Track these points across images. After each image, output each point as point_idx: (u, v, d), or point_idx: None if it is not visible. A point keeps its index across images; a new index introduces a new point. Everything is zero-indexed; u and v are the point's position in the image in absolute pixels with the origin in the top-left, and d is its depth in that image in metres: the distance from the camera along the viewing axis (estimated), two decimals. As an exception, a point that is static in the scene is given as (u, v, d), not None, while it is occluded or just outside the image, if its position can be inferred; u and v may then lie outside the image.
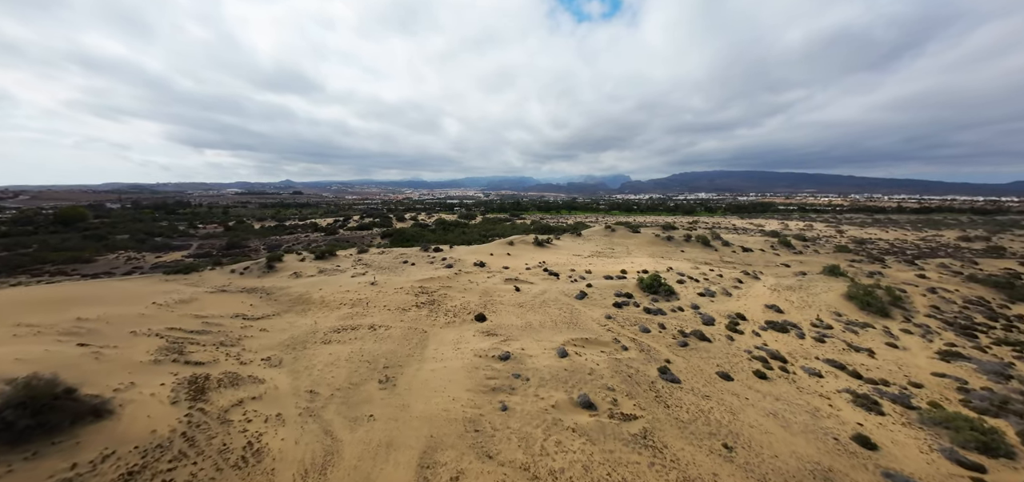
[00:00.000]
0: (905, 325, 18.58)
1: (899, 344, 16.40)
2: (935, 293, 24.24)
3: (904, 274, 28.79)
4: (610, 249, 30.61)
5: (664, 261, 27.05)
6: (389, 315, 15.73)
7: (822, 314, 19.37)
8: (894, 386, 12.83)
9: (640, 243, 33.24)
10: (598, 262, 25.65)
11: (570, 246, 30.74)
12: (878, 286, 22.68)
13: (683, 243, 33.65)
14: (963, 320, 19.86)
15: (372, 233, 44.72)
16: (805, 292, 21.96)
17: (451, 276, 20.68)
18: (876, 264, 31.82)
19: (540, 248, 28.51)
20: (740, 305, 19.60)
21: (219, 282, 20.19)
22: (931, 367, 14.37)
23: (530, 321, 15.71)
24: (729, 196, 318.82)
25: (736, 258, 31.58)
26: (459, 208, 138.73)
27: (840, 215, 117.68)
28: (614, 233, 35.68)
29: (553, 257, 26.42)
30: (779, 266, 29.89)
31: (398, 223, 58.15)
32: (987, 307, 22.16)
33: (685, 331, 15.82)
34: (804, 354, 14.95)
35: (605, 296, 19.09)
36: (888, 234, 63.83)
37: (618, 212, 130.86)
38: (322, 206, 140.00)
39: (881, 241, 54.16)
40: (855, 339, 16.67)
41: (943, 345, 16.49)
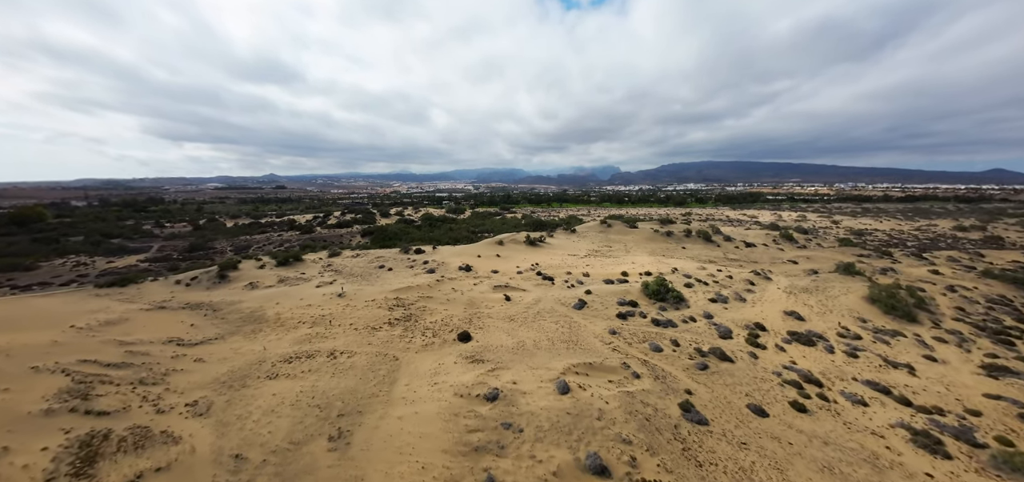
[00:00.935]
0: (936, 332, 16.82)
1: (937, 356, 14.58)
2: (955, 292, 22.67)
3: (917, 270, 27.28)
4: (607, 247, 28.45)
5: (666, 260, 24.98)
6: (355, 337, 13.24)
7: (845, 320, 17.51)
8: (950, 415, 10.92)
9: (639, 240, 31.16)
10: (596, 263, 23.45)
11: (564, 244, 28.50)
12: (898, 285, 20.94)
13: (684, 239, 31.68)
14: (993, 324, 18.21)
15: (352, 231, 41.70)
16: (823, 295, 20.11)
17: (433, 283, 18.21)
18: (885, 259, 30.32)
19: (532, 248, 26.17)
20: (756, 312, 17.60)
21: (159, 296, 17.40)
22: (981, 387, 12.54)
23: (523, 340, 13.39)
24: (717, 187, 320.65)
25: (740, 254, 29.73)
26: (448, 202, 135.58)
27: (829, 205, 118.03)
28: (611, 229, 33.54)
29: (547, 258, 24.14)
30: (786, 263, 28.13)
31: (382, 219, 55.07)
32: (1011, 307, 20.62)
33: (702, 349, 13.70)
34: (839, 374, 12.98)
35: (607, 305, 16.88)
36: (882, 224, 63.22)
37: (610, 204, 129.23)
38: (304, 201, 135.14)
39: (878, 232, 53.28)
40: (889, 352, 14.80)
41: (983, 356, 14.72)
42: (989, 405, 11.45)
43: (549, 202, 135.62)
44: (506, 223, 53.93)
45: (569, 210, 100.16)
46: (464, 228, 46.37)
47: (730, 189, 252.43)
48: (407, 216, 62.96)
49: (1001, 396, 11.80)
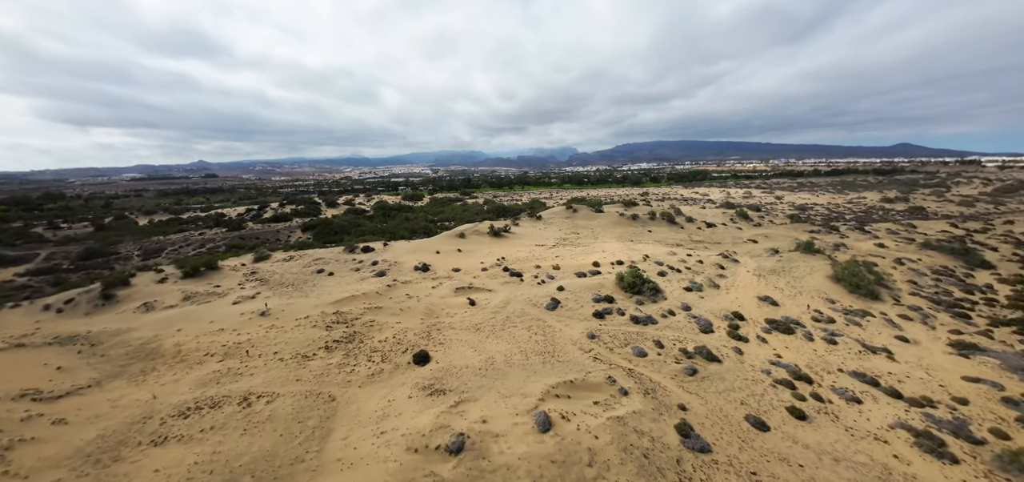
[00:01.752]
0: (899, 309, 17.04)
1: (908, 336, 14.52)
2: (903, 265, 23.70)
3: (864, 244, 28.55)
4: (575, 234, 27.07)
5: (636, 246, 23.98)
6: (280, 371, 10.56)
7: (816, 302, 17.30)
8: (941, 406, 10.48)
9: (606, 224, 30.10)
10: (565, 253, 21.89)
11: (531, 233, 26.70)
12: (856, 262, 21.32)
13: (649, 222, 31.11)
14: (945, 296, 18.93)
15: (291, 226, 36.90)
16: (790, 276, 19.97)
17: (383, 290, 15.63)
18: (834, 234, 31.58)
19: (497, 239, 24.07)
20: (732, 300, 16.87)
21: (18, 329, 13.44)
22: (957, 368, 12.43)
23: (492, 356, 11.41)
24: (668, 166, 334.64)
25: (703, 236, 29.62)
26: (404, 188, 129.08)
27: (768, 181, 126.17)
28: (576, 214, 32.20)
29: (513, 250, 22.20)
30: (747, 242, 28.32)
31: (328, 210, 49.97)
32: (955, 277, 21.79)
33: (687, 349, 12.49)
34: (825, 366, 12.34)
35: (581, 301, 15.30)
36: (819, 198, 67.85)
37: (571, 185, 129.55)
38: (238, 192, 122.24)
39: (817, 206, 56.84)
40: (863, 335, 14.56)
41: (949, 333, 14.92)
42: (971, 390, 11.22)
43: (511, 185, 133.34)
44: (467, 210, 51.27)
45: (532, 193, 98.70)
46: (422, 217, 43.18)
47: (679, 167, 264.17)
48: (358, 205, 58.04)
49: (979, 379, 11.66)
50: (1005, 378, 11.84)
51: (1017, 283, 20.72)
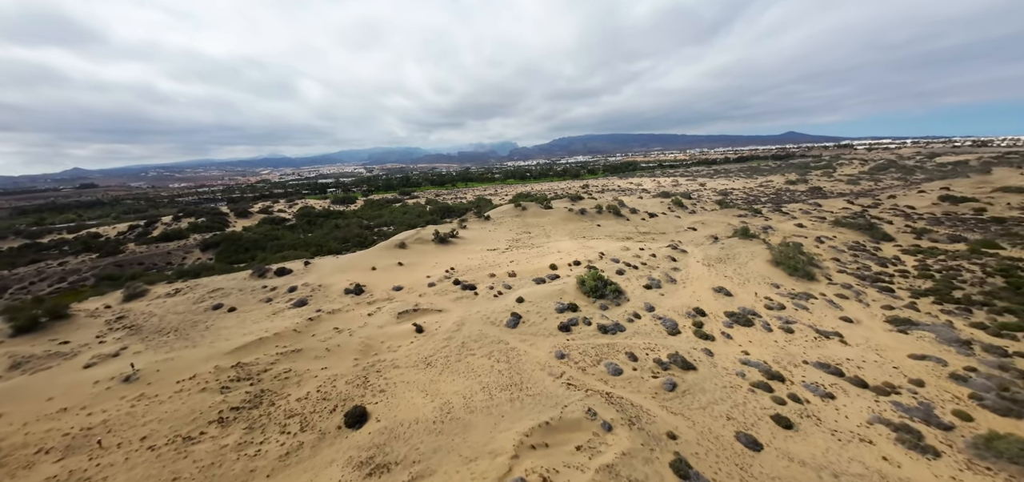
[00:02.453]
0: (834, 288, 18.01)
1: (850, 316, 15.15)
2: (823, 243, 25.78)
3: (787, 225, 30.92)
4: (527, 234, 25.64)
5: (589, 243, 23.16)
6: (148, 468, 7.52)
7: (763, 288, 17.67)
8: (904, 392, 10.60)
9: (556, 221, 29.12)
10: (520, 256, 20.28)
11: (480, 236, 24.67)
12: (786, 243, 22.55)
13: (597, 216, 30.79)
14: (866, 271, 20.58)
15: (187, 244, 30.37)
16: (735, 263, 20.41)
17: (303, 325, 12.64)
18: (758, 217, 33.87)
19: (444, 246, 21.68)
20: (689, 293, 16.52)
21: None
22: (901, 346, 13.00)
23: (449, 399, 9.34)
24: (602, 158, 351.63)
25: (649, 226, 29.98)
26: (334, 190, 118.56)
27: (689, 169, 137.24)
28: (525, 212, 30.84)
29: (463, 258, 20.03)
30: (688, 230, 29.14)
31: (238, 221, 42.73)
32: (867, 251, 24.07)
33: (661, 359, 11.52)
34: (789, 358, 12.15)
35: (544, 313, 13.75)
36: (735, 183, 74.49)
37: (514, 180, 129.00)
38: (122, 203, 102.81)
39: (736, 191, 62.03)
40: (812, 319, 14.92)
41: (882, 310, 15.90)
42: (921, 369, 11.63)
43: (453, 182, 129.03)
44: (408, 212, 47.51)
45: (476, 190, 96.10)
46: (355, 224, 38.85)
47: (612, 160, 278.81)
48: (276, 213, 51.04)
49: (924, 356, 12.21)
50: (943, 352, 12.54)
51: (917, 253, 23.42)
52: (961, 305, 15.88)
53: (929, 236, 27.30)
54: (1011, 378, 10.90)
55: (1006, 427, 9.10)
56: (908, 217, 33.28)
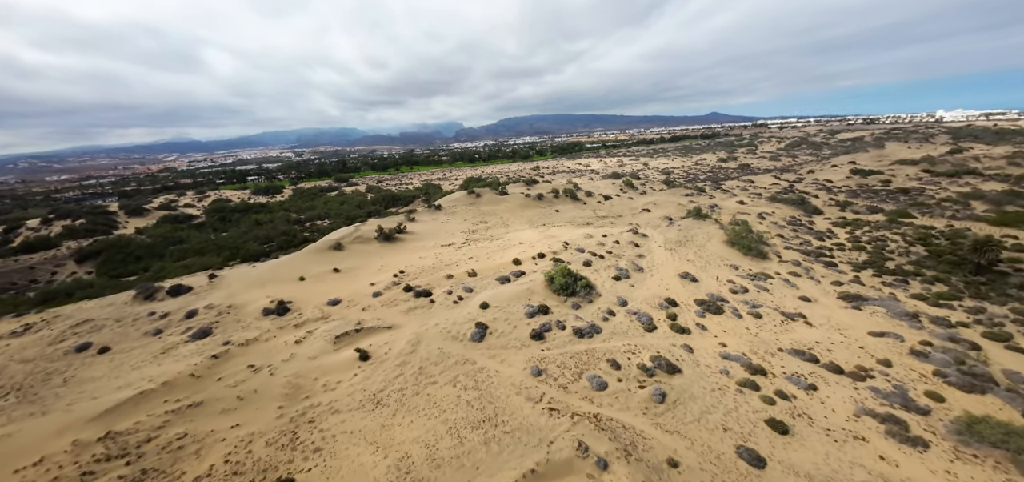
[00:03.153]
0: (786, 266, 18.49)
1: (807, 295, 15.43)
2: (764, 219, 26.99)
3: (729, 202, 32.21)
4: (483, 223, 23.64)
5: (551, 231, 21.85)
6: None
7: (723, 271, 17.63)
8: (877, 375, 10.59)
9: (513, 208, 27.42)
10: (478, 251, 18.34)
11: (433, 229, 22.18)
12: (736, 222, 23.08)
13: (554, 200, 29.64)
14: (807, 246, 21.62)
15: (58, 255, 23.83)
16: (694, 246, 20.34)
17: (205, 368, 9.76)
18: (703, 195, 35.02)
19: (390, 245, 18.97)
20: (658, 282, 15.89)
21: None
22: (859, 324, 13.29)
23: (408, 453, 7.44)
24: (548, 138, 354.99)
25: (606, 209, 29.51)
26: (256, 179, 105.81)
27: (631, 149, 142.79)
28: (480, 199, 28.69)
29: (414, 257, 17.60)
30: (642, 212, 29.13)
31: (131, 221, 35.05)
32: (803, 225, 25.53)
33: (644, 364, 10.51)
34: (764, 347, 11.82)
35: (513, 319, 12.14)
36: (674, 162, 78.20)
37: (463, 163, 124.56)
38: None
39: (677, 170, 64.86)
40: (775, 301, 14.96)
41: (832, 286, 16.47)
42: (883, 347, 11.85)
43: (397, 166, 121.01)
44: (346, 202, 42.82)
45: (422, 175, 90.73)
46: (281, 220, 33.97)
47: (558, 140, 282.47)
48: (182, 209, 43.47)
49: (882, 333, 12.50)
50: (897, 326, 12.98)
51: (845, 225, 25.26)
52: (897, 276, 16.97)
53: (851, 208, 29.87)
54: (963, 350, 11.42)
55: (974, 405, 9.30)
56: (829, 190, 36.44)
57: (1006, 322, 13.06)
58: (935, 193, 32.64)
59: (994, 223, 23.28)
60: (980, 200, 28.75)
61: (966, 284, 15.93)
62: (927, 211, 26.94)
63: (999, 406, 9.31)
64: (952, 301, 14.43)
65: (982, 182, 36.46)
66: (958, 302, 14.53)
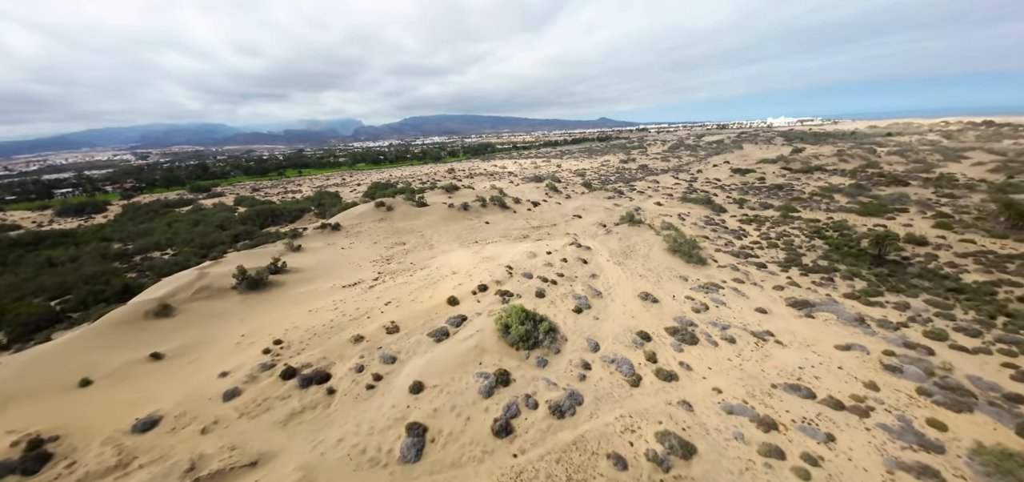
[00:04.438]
0: (725, 272, 18.10)
1: (763, 306, 14.77)
2: (685, 220, 27.53)
3: (648, 203, 32.75)
4: (401, 246, 18.76)
5: (487, 251, 18.30)
6: None
7: (675, 284, 16.34)
8: (876, 408, 9.55)
9: (436, 222, 22.94)
10: (398, 290, 13.81)
11: (328, 259, 16.51)
12: (672, 230, 22.66)
13: (482, 210, 26.10)
14: (731, 246, 22.05)
15: None
16: (638, 257, 18.96)
17: None
18: (623, 198, 35.28)
19: (258, 296, 13.01)
20: (620, 308, 13.70)
21: None
22: (821, 337, 12.66)
23: None
24: (458, 139, 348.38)
25: (538, 217, 27.13)
26: (70, 192, 79.49)
27: (541, 150, 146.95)
28: (392, 213, 23.39)
29: (298, 313, 12.13)
30: (574, 218, 27.55)
31: None
32: (719, 225, 26.56)
33: (653, 451, 7.83)
34: (756, 384, 10.22)
35: (462, 404, 8.43)
36: (583, 163, 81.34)
37: (366, 165, 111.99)
38: None
39: (589, 171, 66.97)
40: (736, 316, 13.88)
41: (775, 291, 16.26)
42: (859, 365, 11.16)
43: (280, 170, 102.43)
44: (203, 222, 32.77)
45: (315, 180, 77.59)
46: (93, 256, 23.80)
47: (468, 141, 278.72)
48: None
49: (848, 345, 12.01)
50: (853, 334, 12.70)
51: (749, 221, 26.96)
52: (821, 274, 17.65)
53: (747, 205, 32.67)
54: (922, 356, 11.34)
55: (974, 429, 8.69)
56: (722, 189, 40.07)
57: (932, 317, 13.82)
58: (802, 189, 38.01)
59: (860, 214, 27.13)
60: (839, 193, 34.01)
61: (875, 276, 17.11)
62: (805, 205, 30.69)
63: (993, 426, 8.86)
64: (877, 297, 15.07)
65: (830, 176, 44.01)
66: (881, 297, 15.22)
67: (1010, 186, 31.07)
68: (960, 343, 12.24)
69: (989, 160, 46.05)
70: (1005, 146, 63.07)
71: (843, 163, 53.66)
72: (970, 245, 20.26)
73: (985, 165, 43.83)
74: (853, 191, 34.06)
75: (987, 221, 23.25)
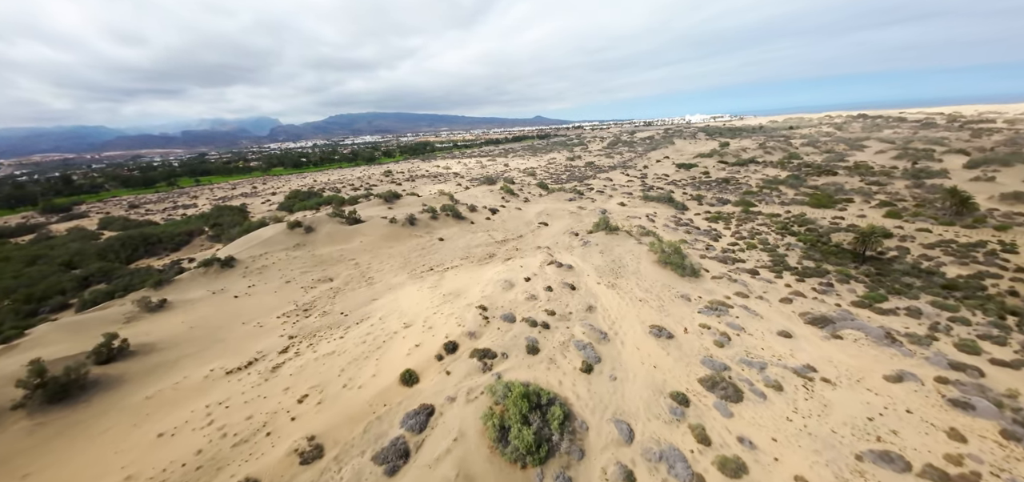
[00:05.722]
0: (724, 285, 16.06)
1: (786, 329, 12.69)
2: (655, 221, 25.76)
3: (610, 204, 30.76)
4: (328, 288, 13.50)
5: (447, 283, 14.16)
6: None
7: (679, 307, 13.82)
8: (977, 468, 7.55)
9: (374, 244, 17.95)
10: (320, 370, 9.25)
11: (208, 324, 11.14)
12: (657, 239, 20.42)
13: (432, 223, 21.63)
14: (713, 252, 20.38)
15: None
16: (630, 274, 16.23)
17: None
18: (584, 198, 33.00)
19: (61, 414, 7.39)
20: (639, 360, 10.68)
21: None
22: (865, 365, 10.79)
23: None
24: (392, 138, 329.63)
25: (499, 228, 23.42)
26: None
27: (483, 148, 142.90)
28: (313, 236, 17.84)
29: (133, 448, 7.13)
30: (539, 227, 24.39)
31: None
32: (686, 224, 25.12)
33: None
34: (838, 458, 7.75)
35: None
36: (530, 161, 79.17)
37: (284, 170, 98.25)
38: None
39: (538, 170, 64.73)
40: (763, 347, 11.62)
41: (784, 306, 14.43)
42: (924, 405, 9.26)
43: (171, 179, 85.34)
44: (51, 255, 23.88)
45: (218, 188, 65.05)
46: None
47: (405, 140, 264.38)
48: None
49: (898, 375, 10.13)
50: (893, 359, 10.95)
51: (717, 220, 25.93)
52: (817, 278, 16.34)
53: (705, 201, 32.15)
54: (972, 379, 9.78)
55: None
56: (675, 184, 39.78)
57: (948, 323, 12.73)
58: (747, 181, 38.94)
59: (812, 206, 27.48)
60: (782, 185, 35.00)
61: (867, 276, 16.15)
62: (758, 198, 30.83)
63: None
64: (883, 303, 13.86)
65: (764, 169, 46.08)
66: (887, 302, 14.03)
67: (923, 172, 34.11)
68: (996, 356, 11.05)
69: (887, 148, 51.85)
70: (887, 135, 72.82)
71: (768, 155, 57.39)
72: (928, 235, 20.66)
73: (886, 153, 49.06)
74: (794, 183, 35.31)
75: (928, 209, 24.37)
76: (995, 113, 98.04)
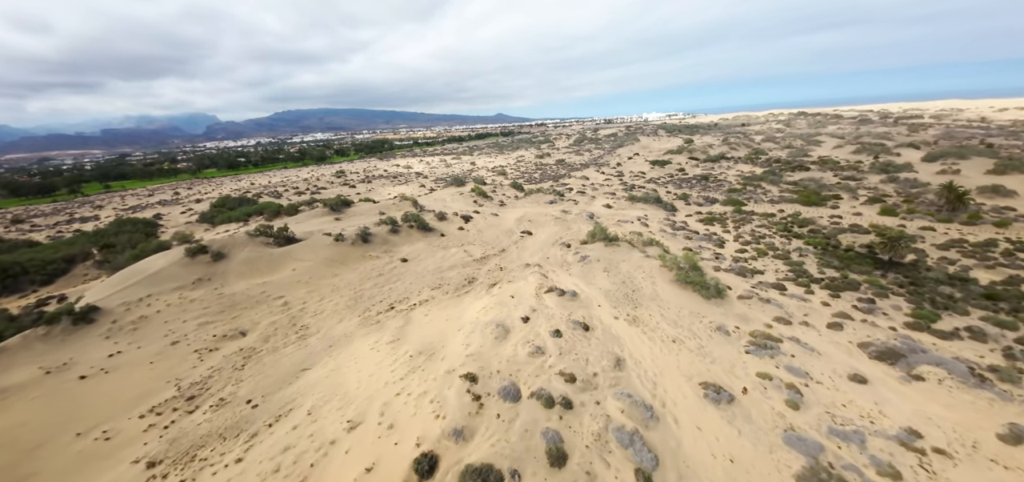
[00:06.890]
0: (756, 308, 13.60)
1: (858, 372, 10.24)
2: (648, 226, 23.29)
3: (595, 207, 28.06)
4: (235, 351, 9.16)
5: (412, 338, 10.36)
6: None
7: (723, 347, 11.02)
8: None
9: (311, 272, 13.34)
10: None
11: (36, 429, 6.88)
12: (673, 254, 17.69)
13: (392, 239, 17.42)
14: (724, 262, 18.07)
15: None
16: (648, 301, 13.28)
17: None
18: (566, 201, 30.09)
19: None
20: (699, 441, 7.68)
21: None
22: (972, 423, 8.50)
23: None
24: (346, 135, 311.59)
25: (476, 241, 19.70)
26: None
27: (446, 146, 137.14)
28: (224, 265, 12.89)
29: None
30: (523, 236, 21.03)
31: None
32: (683, 227, 22.84)
33: None
34: None
35: None
36: (497, 160, 75.61)
37: (218, 172, 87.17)
38: None
39: (508, 168, 61.33)
40: (847, 402, 9.03)
41: (829, 330, 12.09)
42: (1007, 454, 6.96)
43: (75, 186, 72.44)
44: None
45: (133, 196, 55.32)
46: None
47: (360, 137, 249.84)
48: None
49: (1017, 437, 7.90)
50: (1000, 408, 8.71)
51: (712, 221, 23.89)
52: (856, 294, 14.26)
53: (692, 200, 30.32)
54: None
55: None
56: (654, 182, 37.98)
57: (1017, 344, 10.83)
58: (725, 178, 37.90)
59: (804, 204, 26.28)
60: (763, 181, 34.06)
61: (899, 286, 14.33)
62: (745, 196, 29.42)
63: None
64: (936, 323, 11.94)
65: (737, 165, 45.66)
66: (941, 323, 12.07)
67: (889, 166, 34.45)
68: (1105, 395, 9.13)
69: (842, 143, 53.60)
70: (832, 130, 76.75)
71: (734, 151, 57.81)
72: (933, 233, 19.61)
73: (843, 148, 50.51)
74: (772, 179, 34.53)
75: (918, 205, 23.68)
76: (919, 110, 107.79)
